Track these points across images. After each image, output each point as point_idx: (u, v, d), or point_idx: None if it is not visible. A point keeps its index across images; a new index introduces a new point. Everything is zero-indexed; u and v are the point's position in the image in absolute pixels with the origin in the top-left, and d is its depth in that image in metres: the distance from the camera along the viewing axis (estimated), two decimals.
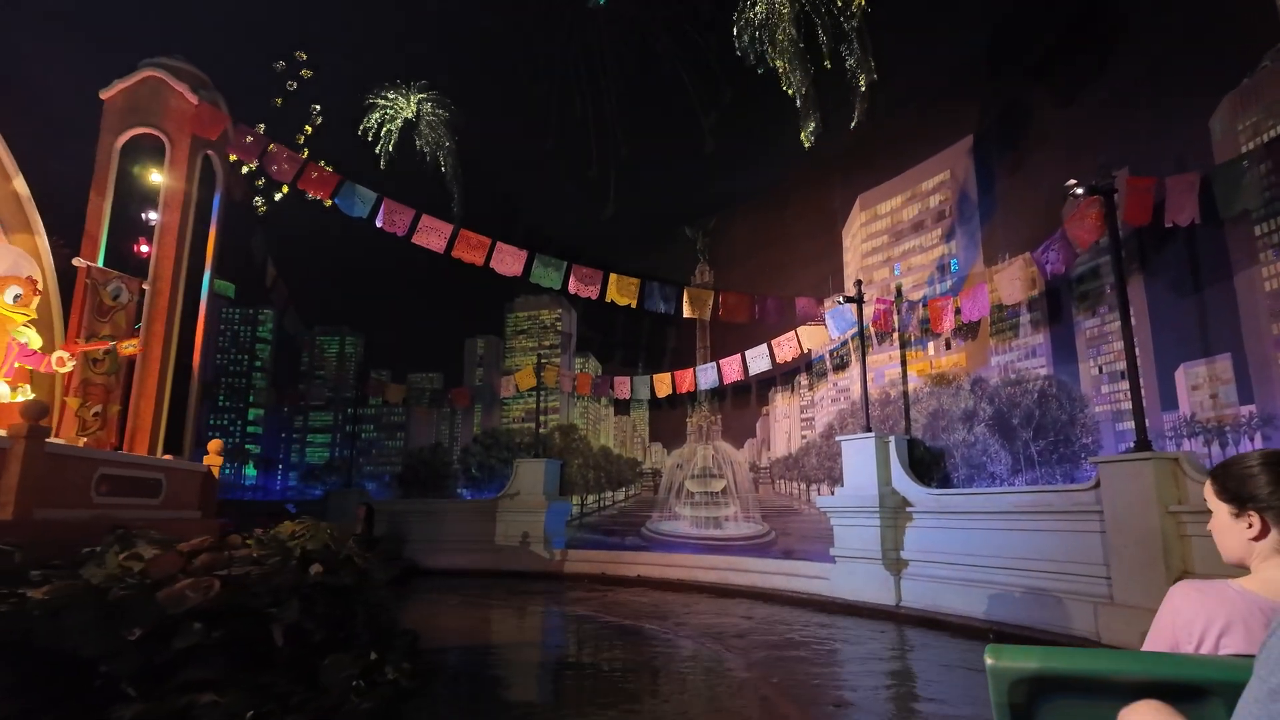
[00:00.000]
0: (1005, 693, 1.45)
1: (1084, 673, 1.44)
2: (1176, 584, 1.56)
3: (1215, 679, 1.36)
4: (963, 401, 12.29)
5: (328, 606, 6.37)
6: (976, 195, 12.60)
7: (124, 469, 6.29)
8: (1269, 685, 1.07)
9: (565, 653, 9.20)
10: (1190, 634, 1.49)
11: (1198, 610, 1.50)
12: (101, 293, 11.15)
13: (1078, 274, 10.56)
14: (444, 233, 12.77)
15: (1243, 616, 1.45)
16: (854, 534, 12.61)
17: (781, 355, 14.97)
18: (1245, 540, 1.53)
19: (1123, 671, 1.42)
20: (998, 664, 1.47)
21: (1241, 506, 1.53)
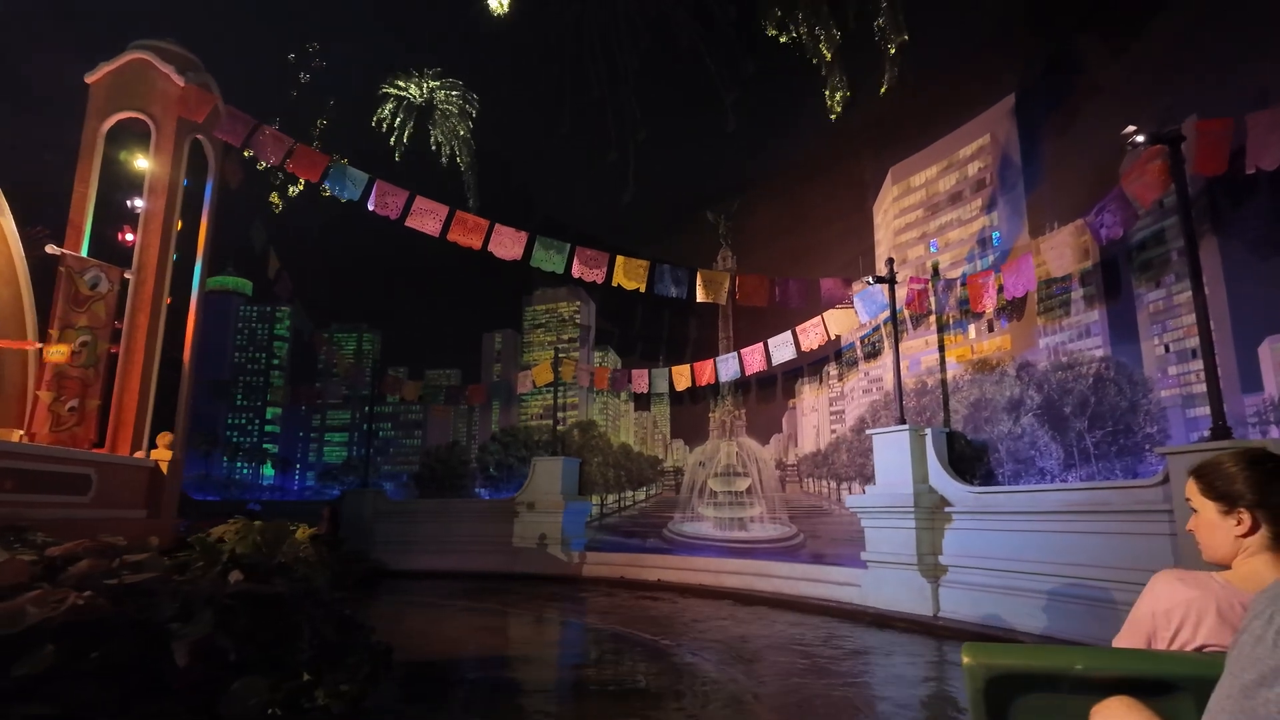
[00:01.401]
0: (981, 690, 1.46)
1: (1058, 670, 1.45)
2: (1159, 573, 1.58)
3: (1186, 675, 1.37)
4: (1007, 389, 11.10)
5: (254, 620, 5.56)
6: (1020, 160, 11.40)
7: (36, 462, 5.61)
8: (1241, 681, 1.07)
9: (559, 673, 8.31)
10: (1169, 623, 1.51)
11: (1179, 600, 1.51)
12: (78, 281, 10.70)
13: (1138, 240, 9.32)
14: (439, 215, 12.07)
15: (1222, 609, 1.47)
16: (886, 536, 11.54)
17: (807, 343, 13.91)
18: (1233, 537, 1.55)
19: (1096, 668, 1.42)
20: (974, 662, 1.49)
21: (1231, 504, 1.56)
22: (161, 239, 11.94)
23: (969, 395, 11.82)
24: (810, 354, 14.59)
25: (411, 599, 14.60)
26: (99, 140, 12.01)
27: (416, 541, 19.87)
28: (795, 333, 14.20)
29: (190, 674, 4.91)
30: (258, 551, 5.60)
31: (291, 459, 25.56)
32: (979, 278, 11.02)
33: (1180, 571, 1.59)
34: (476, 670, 8.26)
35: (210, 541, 5.53)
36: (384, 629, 10.85)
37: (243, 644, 5.45)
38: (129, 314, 11.58)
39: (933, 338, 12.62)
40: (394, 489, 21.51)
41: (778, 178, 17.12)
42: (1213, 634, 1.46)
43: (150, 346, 11.67)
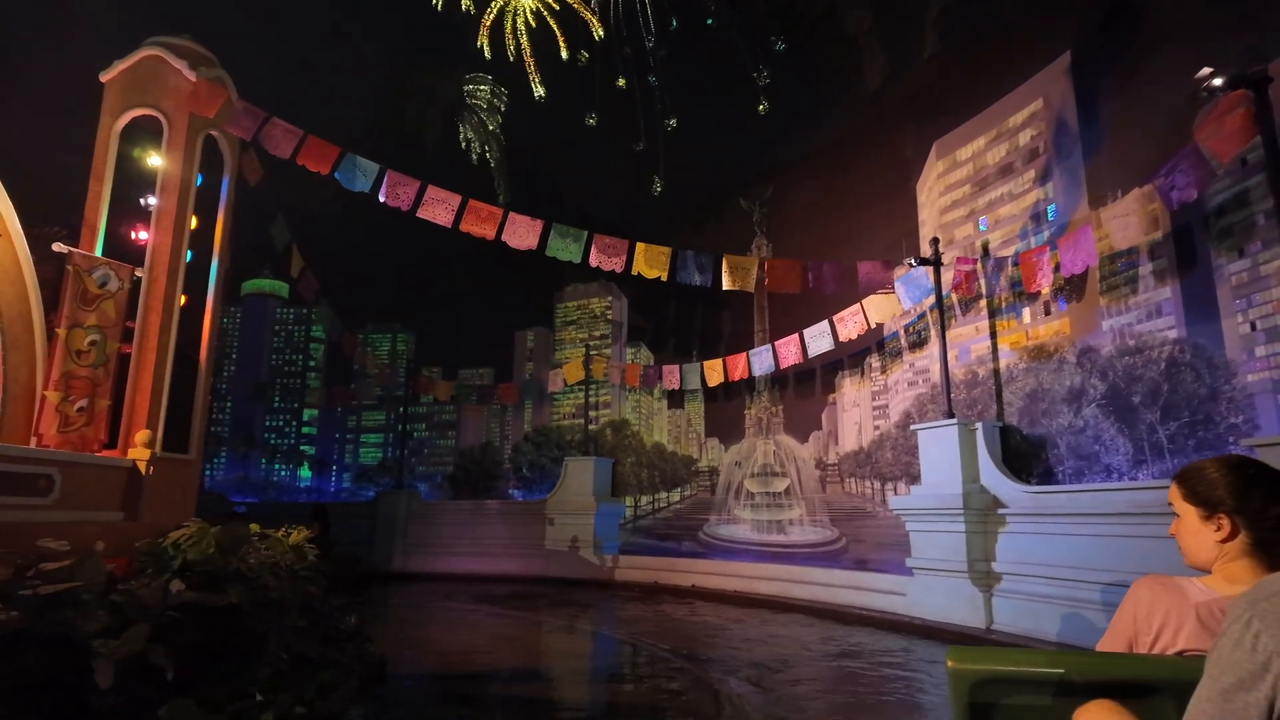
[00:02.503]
0: (965, 694, 1.47)
1: (1041, 674, 1.47)
2: (1140, 578, 1.61)
3: (1167, 678, 1.39)
4: (1067, 378, 10.07)
5: (204, 633, 5.07)
6: (1077, 124, 10.33)
7: None
8: (1220, 685, 1.09)
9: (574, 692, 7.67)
10: (1151, 627, 1.53)
11: (1158, 604, 1.54)
12: (86, 280, 10.57)
13: (1216, 204, 8.23)
14: (451, 204, 11.63)
15: (1202, 614, 1.48)
16: (933, 541, 10.63)
17: (845, 333, 13.03)
18: (1214, 543, 1.57)
19: (1078, 672, 1.44)
20: (958, 666, 1.50)
21: (1211, 510, 1.57)
22: (174, 237, 11.79)
23: (1024, 386, 10.80)
24: (849, 345, 13.69)
25: (435, 604, 14.24)
26: (113, 138, 11.94)
27: (449, 544, 19.61)
28: (832, 322, 13.33)
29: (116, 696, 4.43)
30: (209, 559, 5.11)
31: (328, 460, 25.79)
32: (1033, 254, 10.00)
33: (1162, 577, 1.62)
34: (483, 686, 7.73)
35: (160, 547, 5.07)
36: (394, 637, 10.48)
37: (188, 661, 4.97)
38: (141, 313, 11.45)
39: (983, 324, 11.62)
40: (428, 490, 21.35)
41: (813, 161, 16.21)
42: (1193, 638, 1.48)
43: (163, 346, 11.53)
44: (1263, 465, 1.57)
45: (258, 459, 26.41)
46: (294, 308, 29.79)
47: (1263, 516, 1.53)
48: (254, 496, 26.98)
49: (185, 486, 12.11)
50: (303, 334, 30.19)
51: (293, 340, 30.40)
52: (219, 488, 24.85)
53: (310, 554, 7.47)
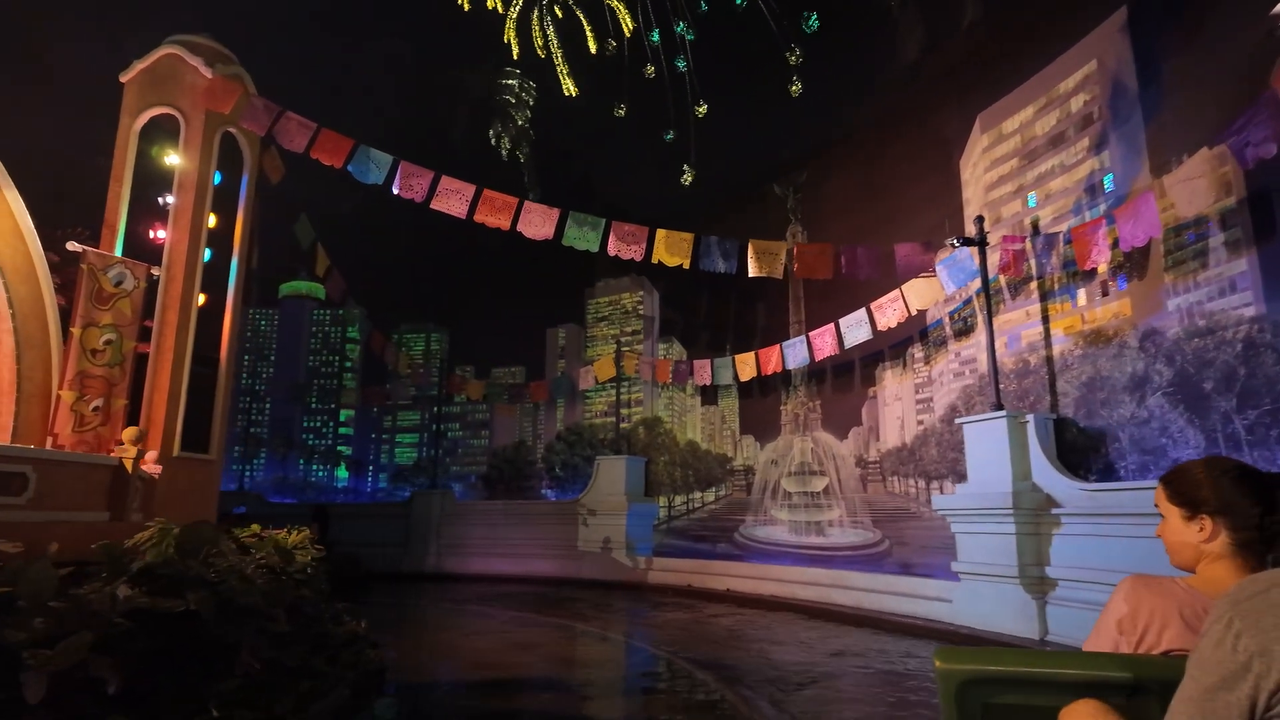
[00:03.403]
0: (953, 695, 1.50)
1: (1028, 673, 1.50)
2: (1125, 578, 1.65)
3: (1151, 677, 1.41)
4: (1129, 364, 9.18)
5: (162, 643, 4.72)
6: (1136, 85, 9.42)
7: None
8: (1202, 684, 1.11)
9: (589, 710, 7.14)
10: (1135, 627, 1.55)
11: (1143, 604, 1.55)
12: (101, 279, 10.52)
13: None
14: (466, 195, 11.30)
15: (1186, 614, 1.51)
16: (981, 543, 9.86)
17: (885, 321, 12.28)
18: (1197, 543, 1.61)
19: (1064, 672, 1.47)
20: (946, 666, 1.52)
21: (1194, 511, 1.62)
22: (191, 235, 11.72)
23: (1080, 374, 9.92)
24: (890, 334, 12.92)
25: (459, 606, 13.95)
26: (132, 138, 11.94)
27: (482, 544, 19.40)
28: (870, 310, 12.57)
29: (50, 713, 4.09)
30: (168, 562, 4.77)
31: (364, 460, 25.99)
32: (1087, 228, 9.14)
33: (1146, 577, 1.63)
34: (489, 698, 7.28)
35: (117, 550, 4.75)
36: (412, 643, 10.16)
37: (142, 673, 4.62)
38: (159, 312, 11.40)
39: (1034, 308, 10.75)
40: (462, 490, 21.21)
41: (850, 142, 15.44)
42: (1177, 638, 1.49)
43: (180, 345, 11.45)
44: (1246, 466, 1.60)
45: (296, 459, 26.79)
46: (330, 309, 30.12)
47: (1245, 518, 1.55)
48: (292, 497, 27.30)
49: (205, 487, 12.05)
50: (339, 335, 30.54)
51: (329, 341, 30.78)
52: (259, 488, 25.29)
53: (303, 556, 7.16)
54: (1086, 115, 10.23)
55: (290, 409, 29.33)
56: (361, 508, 23.66)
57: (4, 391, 9.48)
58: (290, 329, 33.71)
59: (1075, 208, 10.23)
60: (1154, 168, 9.05)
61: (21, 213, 9.66)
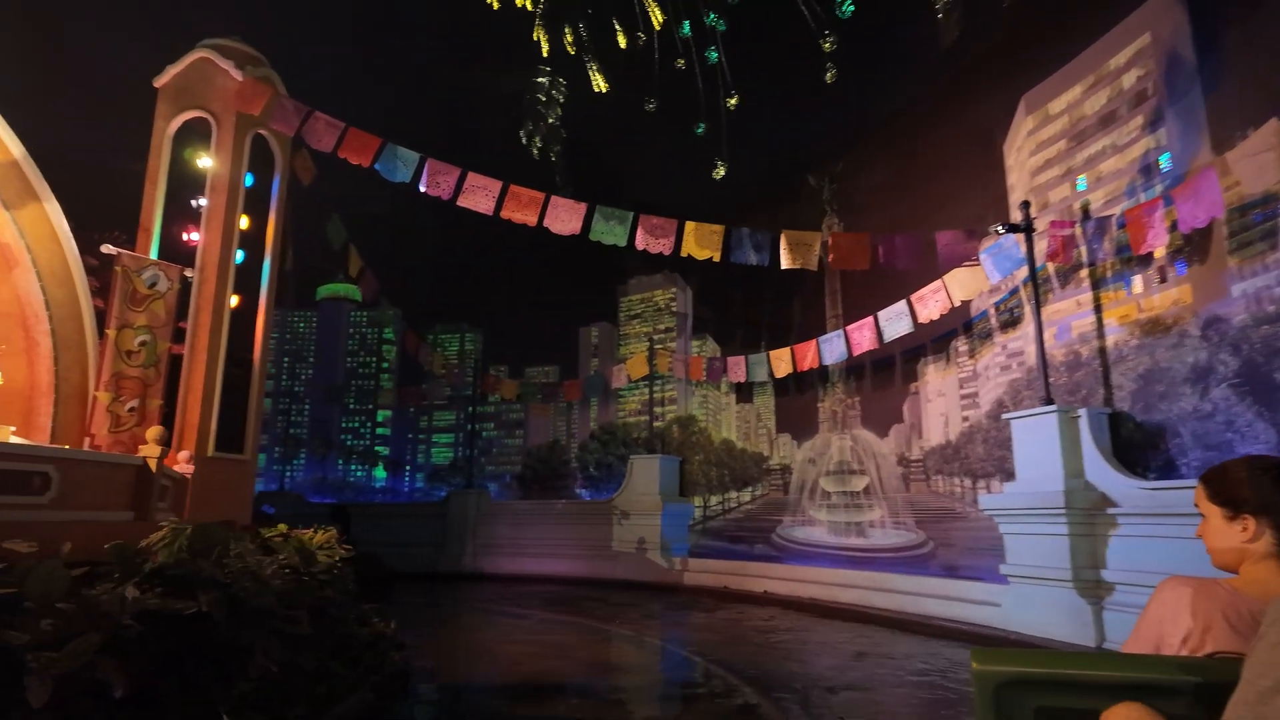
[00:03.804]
0: (990, 697, 1.47)
1: (1067, 675, 1.47)
2: (1166, 579, 1.61)
3: (1195, 681, 1.37)
4: (1190, 354, 8.64)
5: (172, 643, 4.62)
6: (1194, 57, 8.84)
7: None
8: (1258, 687, 1.09)
9: None
10: (1177, 629, 1.51)
11: (1185, 606, 1.51)
12: (135, 281, 10.65)
13: None
14: (492, 191, 11.19)
15: (1229, 615, 1.47)
16: (1030, 545, 9.40)
17: (926, 313, 11.82)
18: (1239, 544, 1.58)
19: (1105, 674, 1.45)
20: (983, 668, 1.50)
21: (1235, 510, 1.59)
22: (223, 236, 11.86)
23: (1136, 365, 9.37)
24: (932, 327, 12.45)
25: (492, 606, 13.86)
26: (166, 142, 12.14)
27: (516, 544, 19.35)
28: (911, 302, 12.12)
29: (54, 716, 4.00)
30: (179, 562, 4.67)
31: (402, 460, 26.29)
32: (1142, 210, 8.61)
33: (1188, 578, 1.58)
34: (517, 703, 7.11)
35: (129, 550, 4.66)
36: (439, 644, 10.06)
37: (152, 676, 4.52)
38: (192, 313, 11.55)
39: (1085, 297, 10.21)
40: (497, 490, 21.20)
41: (887, 130, 14.96)
42: (1221, 640, 1.45)
43: (213, 346, 11.58)
44: None
45: (335, 460, 27.17)
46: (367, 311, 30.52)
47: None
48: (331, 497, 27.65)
49: (240, 486, 12.18)
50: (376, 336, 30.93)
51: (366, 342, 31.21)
52: (298, 488, 25.72)
53: (326, 556, 7.08)
54: (1140, 92, 9.66)
55: (329, 410, 29.83)
56: (398, 507, 23.87)
57: (42, 392, 9.65)
58: (328, 331, 34.29)
59: (1129, 190, 9.67)
60: (1215, 144, 8.48)
61: (58, 217, 9.84)
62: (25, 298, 9.60)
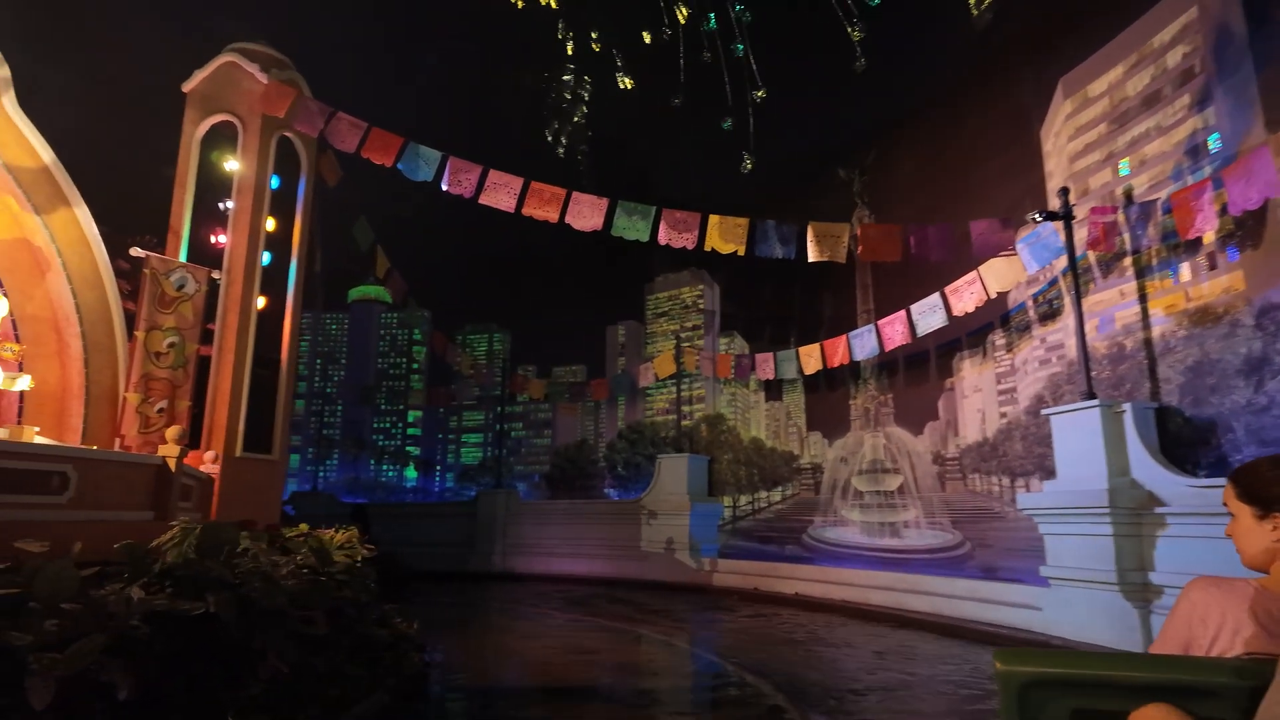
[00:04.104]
0: (1015, 698, 1.46)
1: (1094, 676, 1.46)
2: (1194, 579, 1.59)
3: (1226, 682, 1.35)
4: (1243, 344, 8.20)
5: (179, 644, 4.58)
6: (1245, 29, 8.38)
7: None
8: None
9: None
10: (1206, 629, 1.50)
11: (1214, 605, 1.50)
12: (164, 283, 10.78)
13: None
14: (514, 188, 11.10)
15: (1260, 615, 1.45)
16: (1073, 546, 9.03)
17: (961, 306, 11.45)
18: (1270, 542, 1.56)
19: (1132, 675, 1.43)
20: (1007, 668, 1.49)
21: (1266, 509, 1.57)
22: (249, 238, 11.94)
23: (1185, 357, 8.93)
24: (967, 321, 12.07)
25: (518, 607, 13.79)
26: (194, 145, 12.25)
27: (546, 544, 19.30)
28: (945, 295, 11.75)
29: (56, 718, 3.95)
30: (186, 561, 4.62)
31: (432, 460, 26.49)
32: (1189, 193, 8.17)
33: (1216, 578, 1.57)
34: (536, 707, 6.98)
35: (140, 550, 4.63)
36: (461, 645, 9.99)
37: (161, 678, 4.47)
38: (220, 315, 11.65)
39: (1129, 286, 9.77)
40: (526, 490, 21.19)
41: (919, 119, 14.56)
42: (1252, 641, 1.44)
43: (241, 347, 11.66)
44: None
45: (367, 460, 27.48)
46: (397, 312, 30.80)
47: None
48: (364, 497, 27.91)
49: (269, 487, 12.26)
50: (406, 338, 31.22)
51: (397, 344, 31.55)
52: (331, 489, 26.06)
53: (343, 556, 7.03)
54: (1186, 70, 9.20)
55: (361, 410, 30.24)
56: (429, 507, 24.02)
57: (73, 394, 9.80)
58: (360, 332, 34.79)
59: (1175, 173, 9.21)
60: (1269, 121, 8.02)
61: (87, 221, 9.98)
62: (57, 301, 9.76)
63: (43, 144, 9.43)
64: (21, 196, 9.28)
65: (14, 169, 9.13)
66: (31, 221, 9.53)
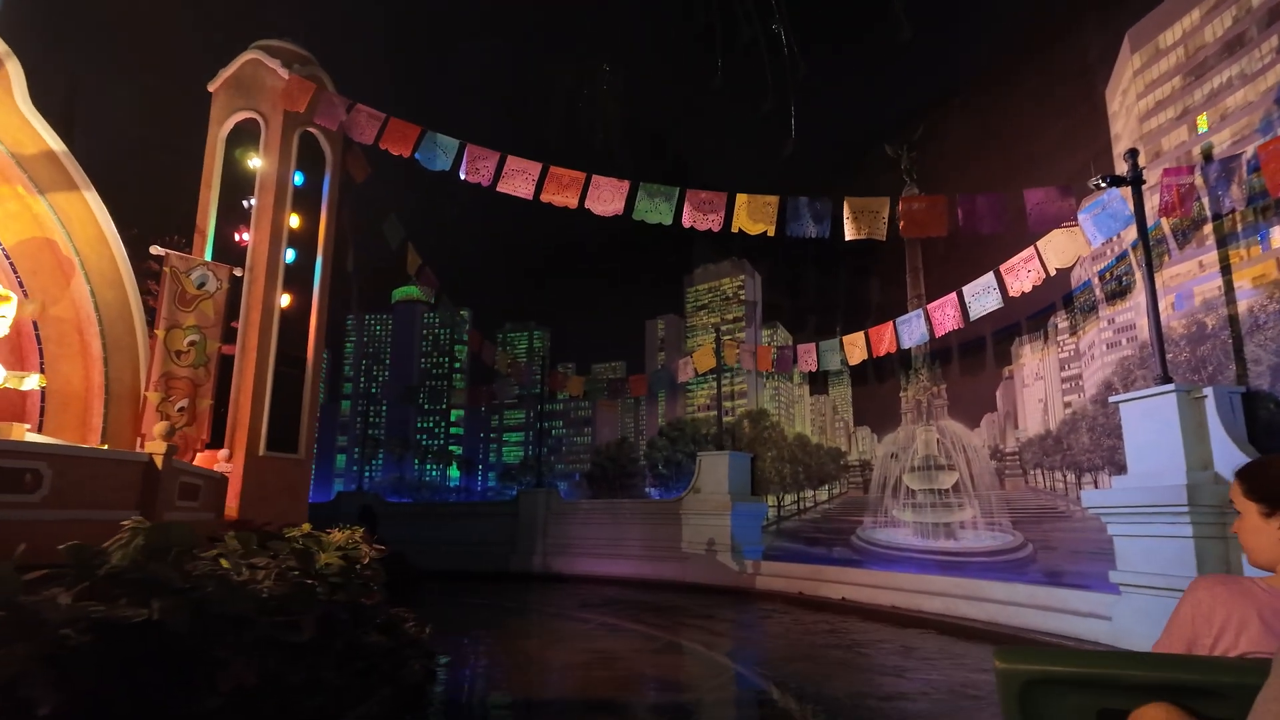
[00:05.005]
0: (1015, 696, 1.46)
1: (1096, 675, 1.45)
2: (1199, 577, 1.58)
3: (1227, 681, 1.34)
4: None
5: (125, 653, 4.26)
6: None
7: None
8: None
9: None
10: (1210, 627, 1.49)
11: (1219, 604, 1.49)
12: (184, 281, 10.76)
13: None
14: (532, 174, 10.70)
15: (1265, 615, 1.44)
16: (1147, 549, 8.14)
17: (1017, 286, 10.56)
18: (1276, 541, 1.54)
19: (1133, 674, 1.42)
20: (1007, 667, 1.48)
21: (1273, 507, 1.55)
22: (272, 235, 11.88)
23: (1277, 335, 7.89)
24: (1025, 302, 11.16)
25: (551, 609, 13.42)
26: (219, 144, 12.29)
27: (587, 544, 18.93)
28: (999, 274, 10.85)
29: None
30: (135, 564, 4.30)
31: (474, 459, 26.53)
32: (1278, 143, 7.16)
33: (1222, 576, 1.57)
34: None
35: (87, 551, 4.33)
36: (477, 651, 9.59)
37: (94, 690, 4.15)
38: (243, 312, 11.61)
39: (1210, 256, 8.75)
40: (567, 489, 20.86)
41: (970, 88, 13.59)
42: (1257, 641, 1.43)
43: (263, 345, 11.59)
44: None
45: (412, 460, 27.67)
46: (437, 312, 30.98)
47: None
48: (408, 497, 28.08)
49: (295, 487, 12.18)
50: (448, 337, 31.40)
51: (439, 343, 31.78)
52: (376, 489, 26.33)
53: (337, 558, 6.70)
54: (1274, 8, 8.15)
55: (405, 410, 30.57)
56: (471, 506, 23.95)
57: (94, 394, 9.82)
58: (403, 333, 35.25)
59: (1263, 125, 8.16)
60: None
61: (105, 220, 10.00)
62: (77, 301, 9.80)
63: (54, 136, 9.44)
64: (31, 187, 9.28)
65: (24, 160, 9.16)
66: (49, 220, 9.57)
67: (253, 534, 6.40)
